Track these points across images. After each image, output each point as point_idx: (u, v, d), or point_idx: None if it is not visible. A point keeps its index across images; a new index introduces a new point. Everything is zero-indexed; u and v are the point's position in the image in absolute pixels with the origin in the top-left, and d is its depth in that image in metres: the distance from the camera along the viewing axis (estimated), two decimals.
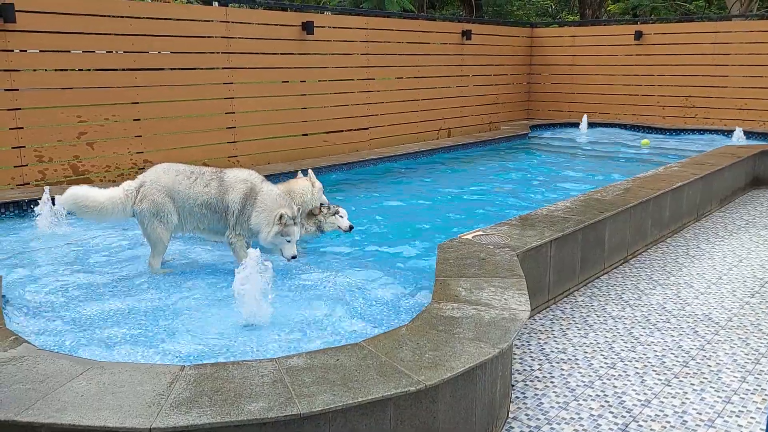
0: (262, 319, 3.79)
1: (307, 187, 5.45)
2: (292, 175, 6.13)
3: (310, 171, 5.58)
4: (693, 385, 3.69)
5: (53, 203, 5.83)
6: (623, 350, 4.12)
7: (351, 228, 5.51)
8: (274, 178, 6.27)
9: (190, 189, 4.64)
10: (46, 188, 5.97)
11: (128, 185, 4.68)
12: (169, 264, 4.97)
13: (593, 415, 3.36)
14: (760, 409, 3.43)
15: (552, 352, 4.11)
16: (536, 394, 3.58)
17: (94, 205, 4.52)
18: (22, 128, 7.07)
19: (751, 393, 3.60)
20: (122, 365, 2.86)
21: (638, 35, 13.15)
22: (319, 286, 4.49)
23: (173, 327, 3.81)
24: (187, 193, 4.64)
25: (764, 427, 3.25)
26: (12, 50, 6.93)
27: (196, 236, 5.27)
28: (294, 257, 4.59)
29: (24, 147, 7.11)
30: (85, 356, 3.30)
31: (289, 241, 4.56)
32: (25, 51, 7.10)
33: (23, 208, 6.25)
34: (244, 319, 3.80)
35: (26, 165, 7.14)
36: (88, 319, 3.92)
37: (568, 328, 4.47)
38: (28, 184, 7.14)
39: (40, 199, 5.88)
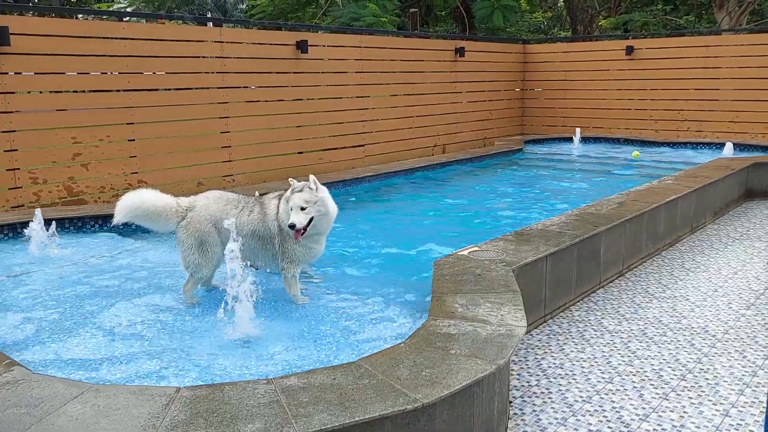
0: (256, 338, 3.77)
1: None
2: None
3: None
4: (691, 398, 3.68)
5: (46, 226, 5.82)
6: (620, 364, 4.11)
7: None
8: None
9: (238, 219, 4.41)
10: (38, 211, 5.92)
11: (181, 202, 4.50)
12: (214, 289, 4.81)
13: (592, 431, 3.35)
14: (759, 422, 3.42)
15: (549, 367, 4.10)
16: (534, 410, 3.56)
17: (152, 208, 4.38)
18: (17, 150, 7.08)
19: (749, 406, 3.59)
20: (117, 388, 2.84)
21: (630, 50, 13.27)
22: (314, 304, 4.48)
23: (167, 348, 3.79)
24: (235, 223, 4.37)
25: None
26: (6, 73, 6.96)
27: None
28: (291, 226, 4.13)
29: (18, 169, 7.11)
30: (80, 379, 3.28)
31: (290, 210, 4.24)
32: (20, 73, 7.13)
33: (17, 231, 6.24)
34: (239, 339, 3.78)
35: (20, 187, 7.14)
36: (82, 342, 3.90)
37: (565, 343, 4.47)
38: (23, 206, 7.13)
39: (32, 221, 5.85)
